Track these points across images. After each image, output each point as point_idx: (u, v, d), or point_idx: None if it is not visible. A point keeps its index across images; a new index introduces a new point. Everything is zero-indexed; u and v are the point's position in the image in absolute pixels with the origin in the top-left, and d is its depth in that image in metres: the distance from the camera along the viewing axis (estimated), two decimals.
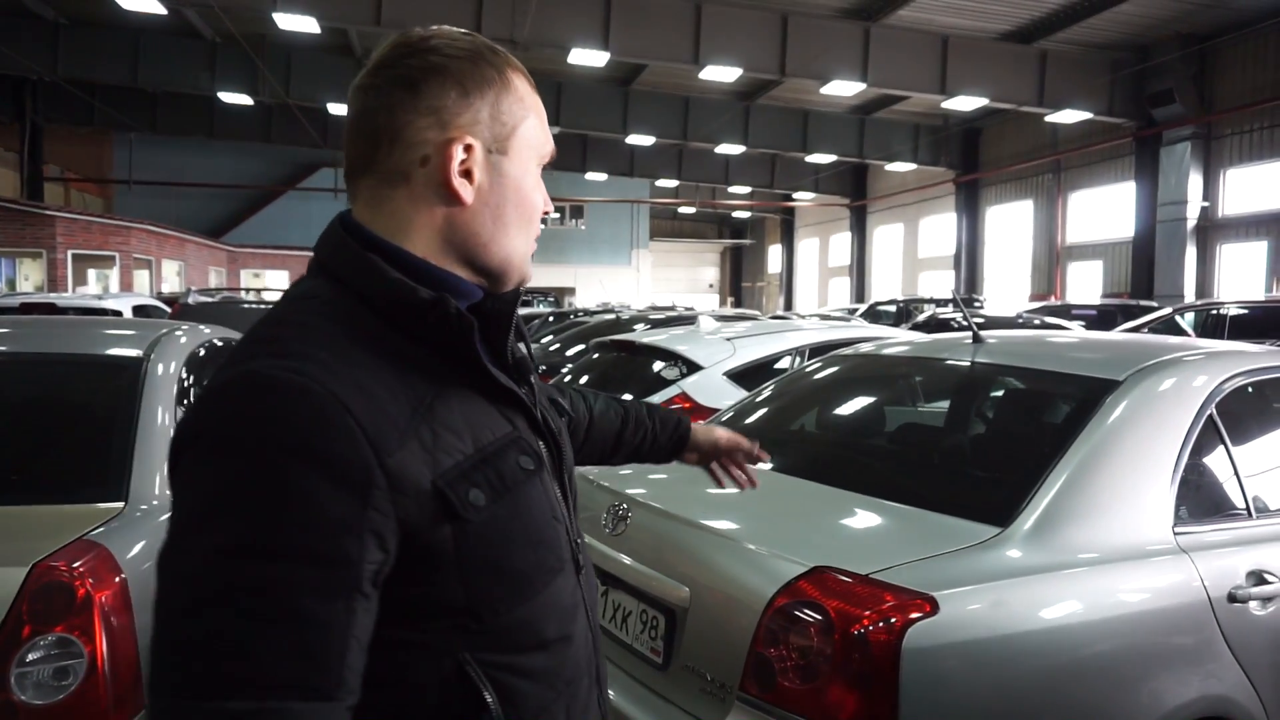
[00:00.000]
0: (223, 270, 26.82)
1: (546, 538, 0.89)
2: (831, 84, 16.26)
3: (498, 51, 0.89)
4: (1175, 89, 16.34)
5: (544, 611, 0.88)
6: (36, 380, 2.56)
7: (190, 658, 0.68)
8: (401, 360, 0.81)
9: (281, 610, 0.69)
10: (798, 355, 4.89)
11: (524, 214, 0.90)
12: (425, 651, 0.80)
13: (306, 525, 0.71)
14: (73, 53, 17.65)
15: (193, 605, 0.69)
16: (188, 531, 0.72)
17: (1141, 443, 1.98)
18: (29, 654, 1.75)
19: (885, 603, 1.59)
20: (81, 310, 8.63)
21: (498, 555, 0.83)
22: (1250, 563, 1.93)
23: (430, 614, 0.80)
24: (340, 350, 0.78)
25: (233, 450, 0.72)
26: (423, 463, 0.77)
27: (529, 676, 0.86)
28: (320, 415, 0.73)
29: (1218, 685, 1.82)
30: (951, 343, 2.80)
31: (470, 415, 0.84)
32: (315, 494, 0.71)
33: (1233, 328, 10.26)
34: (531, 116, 0.90)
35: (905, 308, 16.46)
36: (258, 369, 0.75)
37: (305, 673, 0.70)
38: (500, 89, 0.87)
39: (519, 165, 0.89)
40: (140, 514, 2.14)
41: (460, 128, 0.85)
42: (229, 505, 0.71)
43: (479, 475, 0.82)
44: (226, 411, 0.74)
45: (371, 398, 0.76)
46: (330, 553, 0.71)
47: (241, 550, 0.70)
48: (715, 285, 42.32)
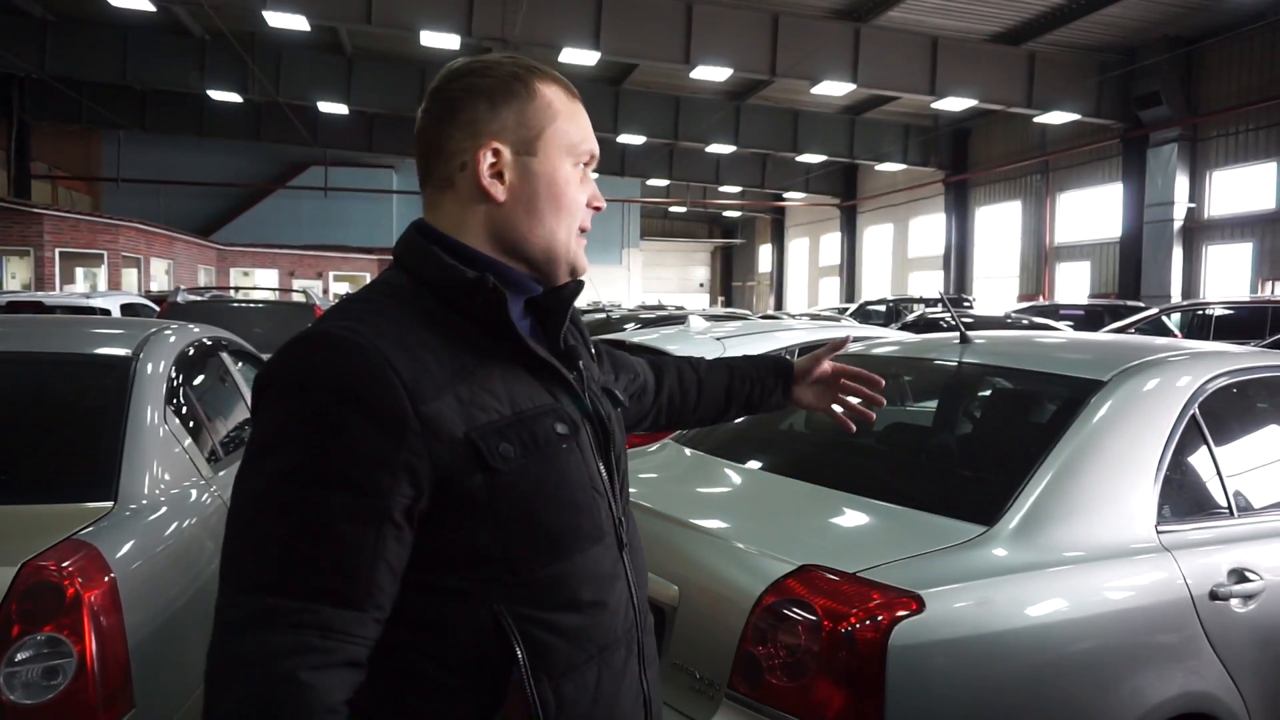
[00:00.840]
0: (212, 269, 26.68)
1: (582, 504, 0.97)
2: (822, 84, 16.31)
3: (531, 68, 1.01)
4: (1162, 91, 16.45)
5: (579, 574, 0.96)
6: (25, 379, 2.55)
7: (244, 560, 0.85)
8: (454, 334, 0.94)
9: (319, 528, 0.83)
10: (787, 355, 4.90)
11: (559, 206, 1.00)
12: (464, 599, 0.91)
13: (345, 457, 0.84)
14: (61, 50, 17.55)
15: (251, 518, 0.85)
16: (254, 458, 0.87)
17: (1126, 442, 2.01)
18: (18, 653, 1.74)
19: (872, 601, 1.60)
20: (69, 309, 8.58)
21: (531, 509, 0.92)
22: (1232, 561, 1.95)
23: (468, 562, 0.91)
24: (396, 320, 0.91)
25: (291, 392, 0.87)
26: (457, 415, 0.89)
27: (560, 634, 0.94)
28: (364, 364, 0.86)
29: (1200, 682, 1.84)
30: (939, 343, 2.82)
31: (512, 384, 0.95)
32: (354, 431, 0.85)
33: (1218, 328, 10.35)
34: (559, 121, 1.00)
35: (895, 307, 16.52)
36: (322, 328, 0.90)
37: (336, 584, 0.84)
38: (525, 99, 0.99)
39: (548, 164, 1.00)
40: (129, 513, 2.14)
41: (489, 135, 0.98)
42: (285, 437, 0.86)
43: (511, 432, 0.92)
44: (291, 361, 0.89)
45: (414, 356, 0.88)
46: (364, 482, 0.84)
47: (291, 475, 0.84)
48: (706, 285, 42.36)
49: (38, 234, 18.24)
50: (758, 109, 21.93)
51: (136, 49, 17.80)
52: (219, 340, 3.41)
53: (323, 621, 0.83)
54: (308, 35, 17.01)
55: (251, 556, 0.84)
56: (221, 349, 3.40)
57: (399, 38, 16.55)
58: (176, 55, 18.18)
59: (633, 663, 1.03)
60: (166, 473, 2.37)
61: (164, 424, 2.46)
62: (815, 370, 1.53)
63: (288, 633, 0.81)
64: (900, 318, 14.41)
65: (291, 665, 0.81)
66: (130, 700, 1.87)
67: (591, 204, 1.04)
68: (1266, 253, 16.11)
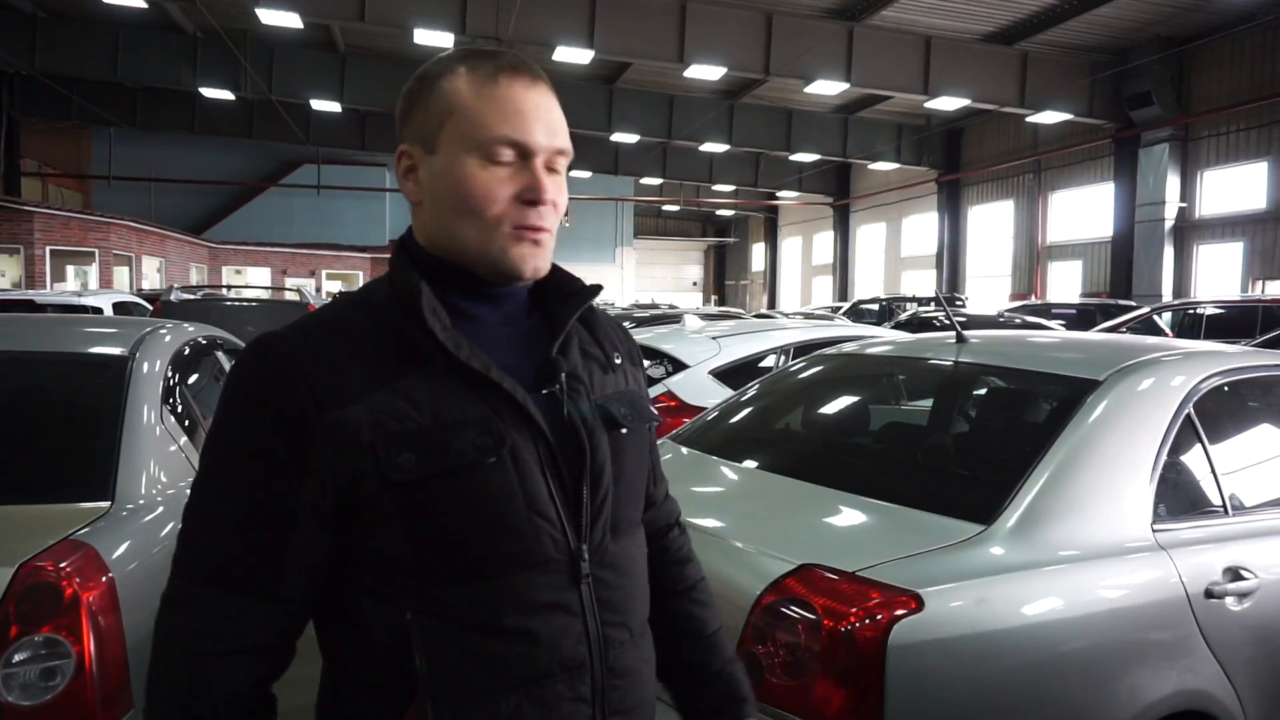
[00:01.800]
0: (204, 267, 26.58)
1: (510, 525, 0.90)
2: (815, 83, 16.33)
3: (443, 60, 0.98)
4: (1154, 91, 16.52)
5: (499, 598, 0.90)
6: (20, 379, 2.54)
7: (180, 547, 0.92)
8: (397, 340, 0.92)
9: (229, 523, 0.90)
10: (783, 354, 4.91)
11: (463, 205, 0.94)
12: (382, 602, 0.91)
13: (252, 458, 0.89)
14: (51, 46, 17.43)
15: (187, 510, 0.93)
16: (201, 455, 0.95)
17: (1121, 442, 2.02)
18: (15, 655, 1.73)
19: (872, 600, 1.61)
20: (61, 308, 8.54)
21: (443, 525, 0.89)
22: (1227, 559, 1.97)
23: (383, 566, 0.91)
24: (334, 326, 0.94)
25: (224, 394, 0.93)
26: (366, 421, 0.88)
27: (470, 656, 0.90)
28: (282, 369, 0.89)
29: (1195, 680, 1.85)
30: (935, 342, 2.83)
31: (442, 394, 0.91)
32: (260, 434, 0.89)
33: (1209, 327, 10.41)
34: (458, 114, 0.93)
35: (888, 306, 16.56)
36: (259, 337, 0.94)
37: (244, 576, 0.89)
38: (426, 96, 0.96)
39: (446, 159, 0.95)
40: (127, 513, 2.13)
41: (404, 139, 0.99)
42: (213, 437, 0.93)
43: (418, 442, 0.89)
44: (233, 366, 0.95)
45: (333, 363, 0.90)
46: (266, 482, 0.89)
47: (213, 472, 0.92)
48: (699, 283, 42.38)
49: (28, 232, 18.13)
50: (751, 108, 21.94)
51: (128, 46, 17.69)
52: (214, 339, 3.40)
53: (229, 610, 0.89)
54: (300, 32, 16.95)
55: (183, 543, 0.92)
56: (217, 348, 3.39)
57: (392, 35, 16.50)
58: (168, 52, 18.08)
59: (579, 705, 0.93)
60: (163, 473, 2.36)
61: (160, 423, 2.46)
62: None
63: (199, 617, 0.89)
64: (893, 317, 14.44)
65: (195, 648, 0.88)
66: (129, 701, 1.87)
67: (523, 197, 0.93)
68: (1257, 252, 16.20)
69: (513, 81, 0.94)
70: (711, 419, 2.90)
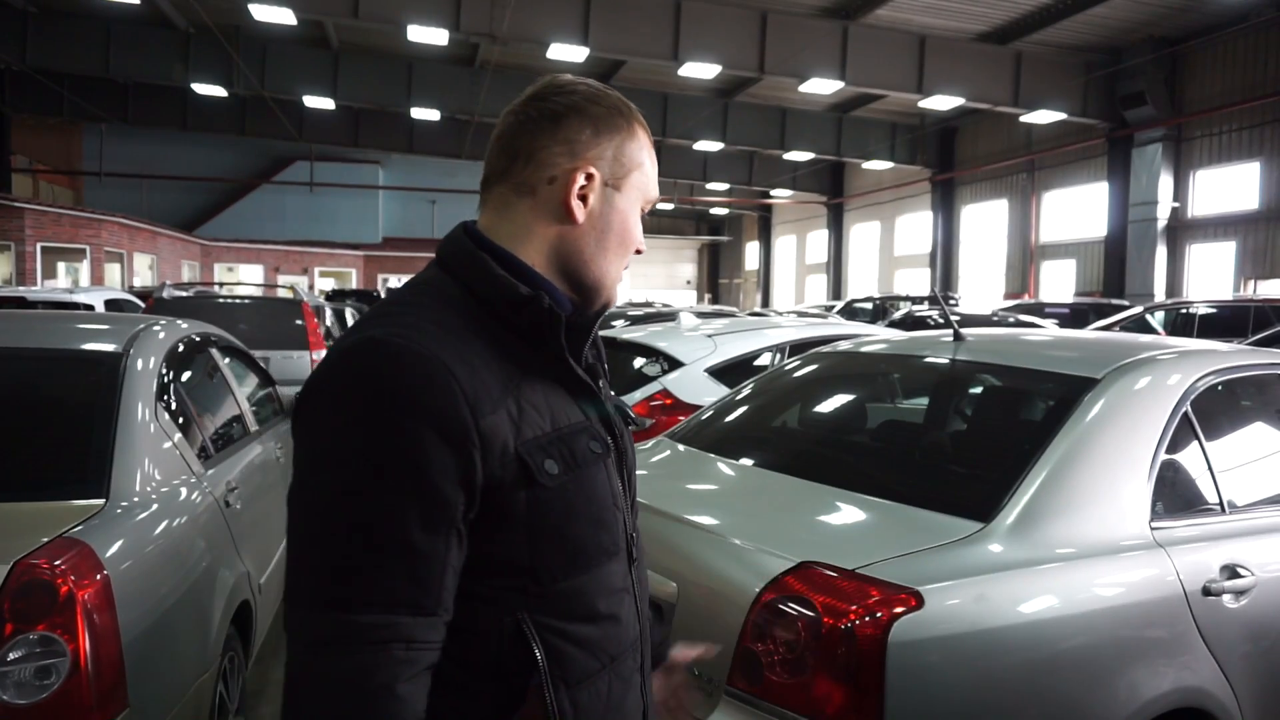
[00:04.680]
0: (196, 264, 26.49)
1: (606, 520, 0.99)
2: (810, 82, 16.33)
3: (631, 106, 1.05)
4: (1147, 91, 16.57)
5: (595, 587, 0.98)
6: (14, 375, 2.52)
7: (324, 577, 0.84)
8: (497, 345, 0.94)
9: (394, 540, 0.84)
10: (779, 352, 4.91)
11: (623, 243, 1.04)
12: (491, 606, 0.92)
13: (415, 469, 0.84)
14: (42, 42, 17.33)
15: (321, 532, 0.85)
16: (314, 470, 0.87)
17: (1119, 440, 2.02)
18: (10, 653, 1.73)
19: (871, 597, 1.61)
20: (53, 305, 8.49)
21: (562, 524, 0.94)
22: (1224, 557, 1.97)
23: (497, 571, 0.92)
24: (448, 326, 0.91)
25: (352, 401, 0.86)
26: (508, 430, 0.90)
27: (577, 644, 0.96)
28: (430, 376, 0.86)
29: (1192, 677, 1.86)
30: (933, 340, 2.83)
31: (551, 400, 0.96)
32: (423, 443, 0.84)
33: (1201, 326, 10.45)
34: (646, 164, 1.04)
35: (882, 305, 16.57)
36: (377, 335, 0.88)
37: (414, 594, 0.85)
38: (626, 136, 1.02)
39: (628, 201, 1.03)
40: (121, 511, 2.12)
41: (587, 159, 0.99)
42: (349, 448, 0.85)
43: (554, 449, 0.94)
44: (351, 370, 0.87)
45: (471, 367, 0.89)
46: (434, 493, 0.85)
47: (361, 488, 0.84)
48: (693, 282, 42.39)
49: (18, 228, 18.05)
50: (745, 106, 21.94)
51: (119, 41, 17.59)
52: (208, 336, 3.38)
53: (405, 633, 0.84)
54: (293, 29, 16.88)
55: (327, 572, 0.84)
56: (211, 344, 3.38)
57: (386, 32, 16.45)
58: (160, 48, 17.98)
59: (637, 673, 1.05)
60: (158, 470, 2.35)
61: (155, 421, 2.44)
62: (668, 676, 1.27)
63: (376, 649, 0.83)
64: (887, 315, 14.45)
65: (386, 680, 0.83)
66: (124, 700, 1.86)
67: (637, 248, 1.06)
68: (1249, 252, 16.27)
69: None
70: (708, 417, 2.90)
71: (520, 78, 19.95)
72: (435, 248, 1.04)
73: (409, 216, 31.93)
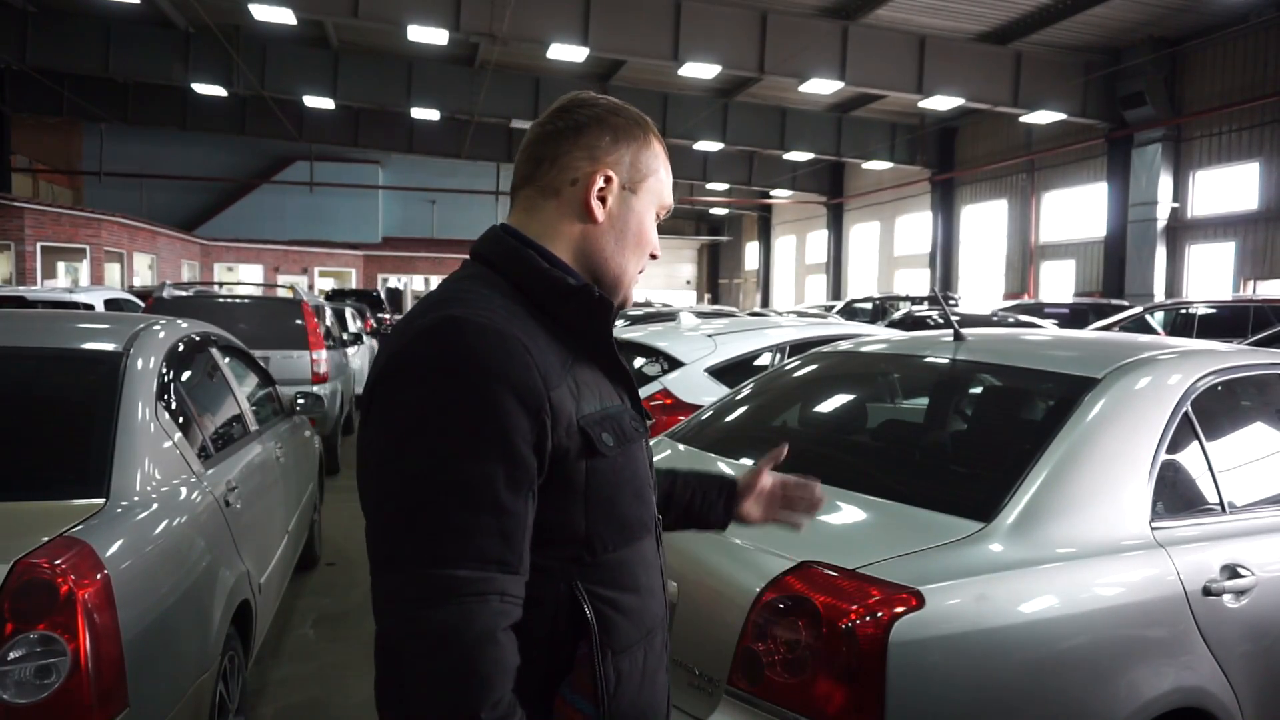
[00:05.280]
0: (195, 264, 26.48)
1: (645, 495, 1.09)
2: (810, 82, 16.33)
3: (648, 120, 1.14)
4: (1146, 91, 16.58)
5: (638, 559, 1.07)
6: (15, 375, 2.52)
7: (425, 538, 0.90)
8: (548, 331, 1.01)
9: (488, 500, 0.91)
10: (779, 352, 4.91)
11: (640, 244, 1.13)
12: (547, 575, 0.98)
13: (502, 433, 0.91)
14: (42, 41, 17.32)
15: (424, 497, 0.90)
16: (408, 438, 0.92)
17: (1120, 439, 2.02)
18: (10, 652, 1.72)
19: (872, 597, 1.61)
20: (52, 305, 8.49)
21: (614, 495, 1.02)
22: (1224, 557, 1.97)
23: (555, 540, 0.99)
24: (509, 309, 0.99)
25: (440, 373, 0.92)
26: (571, 404, 0.98)
27: (624, 613, 1.03)
28: (511, 349, 0.94)
29: (1192, 676, 1.86)
30: (933, 340, 2.83)
31: (600, 386, 1.05)
32: (508, 410, 0.92)
33: (1201, 327, 10.45)
34: (661, 171, 1.14)
35: (881, 305, 16.57)
36: (456, 314, 0.95)
37: (503, 551, 0.92)
38: (642, 144, 1.12)
39: (643, 204, 1.12)
40: (121, 510, 2.12)
41: (606, 164, 1.09)
42: (443, 416, 0.91)
43: (608, 424, 1.03)
44: (434, 343, 0.94)
45: (539, 345, 0.97)
46: (517, 456, 0.92)
47: (457, 453, 0.90)
48: (692, 282, 42.39)
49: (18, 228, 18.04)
50: (745, 106, 21.94)
51: (119, 41, 17.58)
52: (208, 335, 3.38)
53: (500, 587, 0.91)
54: (293, 29, 16.88)
55: (427, 533, 0.90)
56: (211, 344, 3.38)
57: (386, 32, 16.45)
58: (160, 48, 17.97)
59: (664, 650, 1.12)
60: (158, 470, 2.35)
61: (155, 420, 2.44)
62: (757, 484, 1.45)
63: (478, 600, 0.89)
64: (886, 316, 14.45)
65: (489, 627, 0.89)
66: (124, 699, 1.86)
67: (653, 252, 1.15)
68: (1248, 252, 16.27)
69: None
70: (708, 416, 2.90)
71: (520, 78, 19.96)
72: (470, 247, 1.12)
73: (409, 216, 31.92)
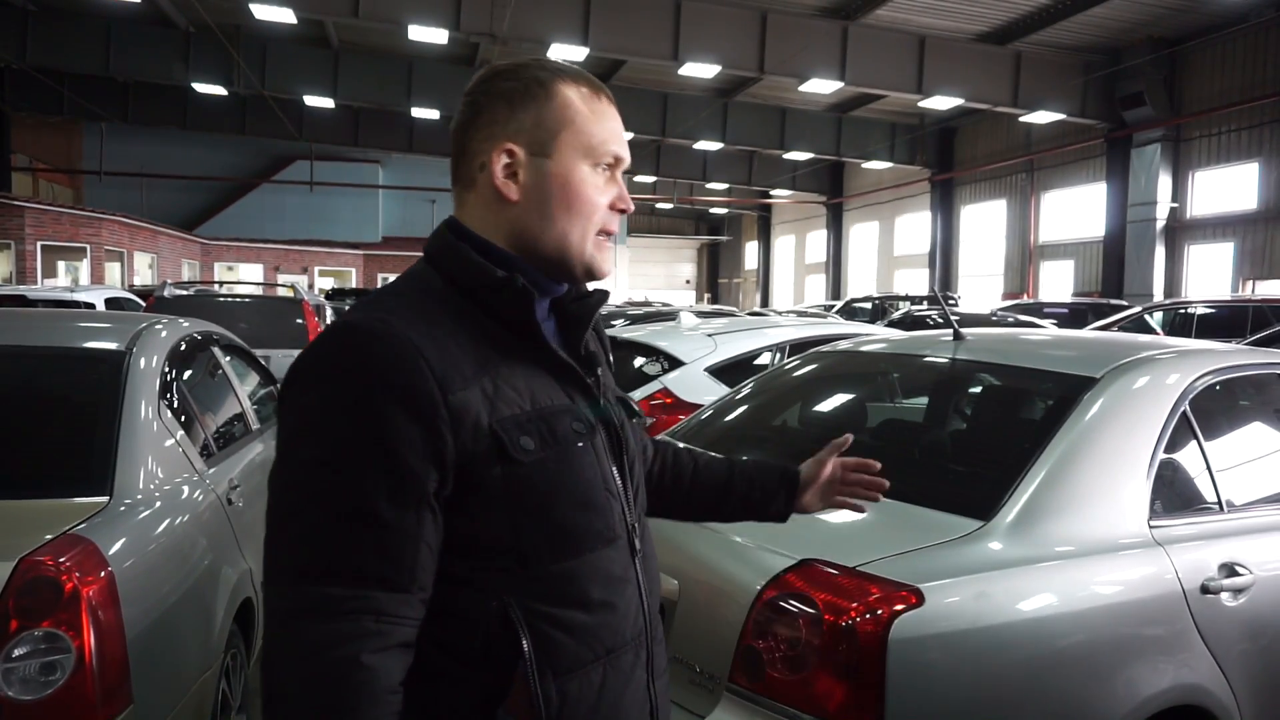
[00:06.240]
0: (196, 263, 26.47)
1: (596, 503, 0.99)
2: (809, 82, 16.33)
3: (557, 71, 1.03)
4: (1146, 92, 16.58)
5: (589, 573, 0.97)
6: (18, 373, 2.53)
7: (293, 550, 0.87)
8: (478, 329, 0.96)
9: (363, 513, 0.86)
10: (779, 351, 4.92)
11: (571, 206, 1.01)
12: (475, 588, 0.93)
13: (383, 444, 0.87)
14: (42, 40, 17.31)
15: (293, 507, 0.88)
16: (288, 447, 0.90)
17: (1118, 439, 2.03)
18: (15, 649, 1.73)
19: (872, 595, 1.62)
20: (53, 304, 8.50)
21: (544, 503, 0.95)
22: (1222, 555, 1.98)
23: (482, 551, 0.93)
24: (424, 311, 0.95)
25: (327, 380, 0.90)
26: (483, 406, 0.92)
27: (567, 631, 0.95)
28: (400, 354, 0.89)
29: (1190, 674, 1.87)
30: (933, 340, 2.84)
31: (533, 382, 0.98)
32: (390, 418, 0.87)
33: (1200, 327, 10.46)
34: (579, 120, 1.01)
35: (881, 305, 16.58)
36: (352, 319, 0.93)
37: (384, 567, 0.87)
38: (544, 101, 1.01)
39: (563, 164, 1.00)
40: (125, 508, 2.13)
41: (505, 137, 1.00)
42: (322, 424, 0.88)
43: (532, 426, 0.95)
44: (324, 351, 0.92)
45: (442, 347, 0.91)
46: (401, 468, 0.87)
47: (330, 461, 0.87)
48: (692, 281, 42.39)
49: (18, 227, 18.03)
50: (745, 106, 21.94)
51: (120, 40, 17.57)
52: (209, 334, 3.39)
53: (376, 606, 0.86)
54: (294, 28, 16.87)
55: (299, 546, 0.87)
56: (212, 343, 3.38)
57: (386, 31, 16.43)
58: (160, 47, 17.96)
59: (640, 670, 1.03)
60: (161, 468, 2.36)
61: (158, 419, 2.45)
62: (821, 475, 1.39)
63: (345, 619, 0.85)
64: (886, 315, 14.46)
65: (353, 650, 0.84)
66: (128, 696, 1.87)
67: (615, 206, 1.04)
68: (1247, 252, 16.28)
69: (609, 102, 1.05)
70: (709, 415, 2.91)
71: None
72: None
73: (409, 216, 31.90)
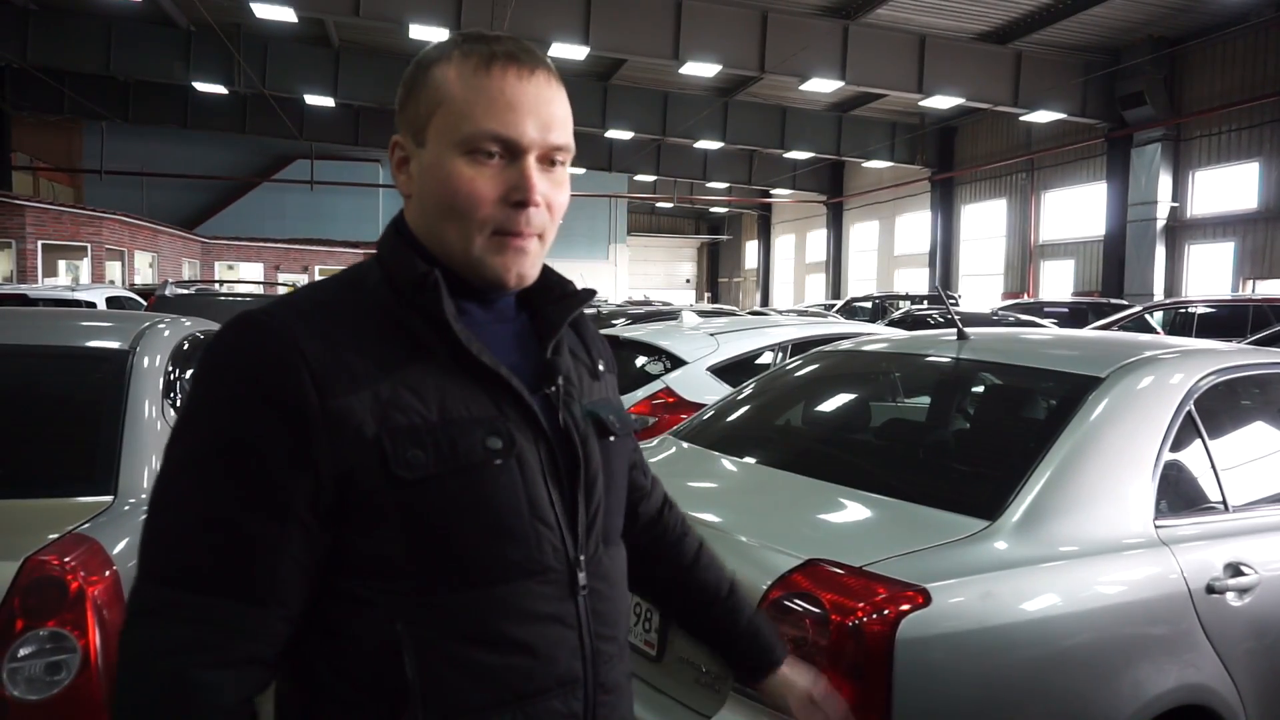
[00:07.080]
0: (196, 262, 26.45)
1: (514, 531, 0.87)
2: (810, 81, 16.34)
3: (442, 45, 0.92)
4: (1146, 91, 16.58)
5: (499, 608, 0.86)
6: (21, 372, 2.53)
7: (151, 546, 0.82)
8: (395, 329, 0.87)
9: (216, 517, 0.80)
10: (780, 351, 4.92)
11: (447, 204, 0.88)
12: (369, 609, 0.84)
13: (243, 444, 0.80)
14: (43, 39, 17.31)
15: (158, 505, 0.83)
16: (168, 445, 0.85)
17: (1123, 438, 2.03)
18: (20, 649, 1.73)
19: (879, 594, 1.62)
20: (54, 303, 8.49)
21: (444, 526, 0.84)
22: (1227, 555, 1.98)
23: (375, 571, 0.84)
24: (331, 306, 0.87)
25: (203, 377, 0.84)
26: (370, 413, 0.83)
27: (466, 671, 0.85)
28: (270, 352, 0.82)
29: (1196, 674, 1.86)
30: (935, 339, 2.84)
31: (449, 389, 0.86)
32: (256, 418, 0.81)
33: (1200, 326, 10.46)
34: (446, 105, 0.88)
35: (881, 304, 16.58)
36: (247, 311, 0.85)
37: (235, 578, 0.80)
38: (420, 85, 0.91)
39: (434, 154, 0.89)
40: (129, 507, 2.12)
41: (399, 127, 0.94)
42: (191, 424, 0.83)
43: (429, 439, 0.84)
44: (212, 344, 0.85)
45: (333, 346, 0.83)
46: (261, 474, 0.80)
47: (193, 460, 0.82)
48: (692, 280, 42.39)
49: (19, 226, 18.02)
50: (746, 105, 21.94)
51: (120, 39, 17.57)
52: (211, 333, 3.39)
53: (219, 617, 0.79)
54: (294, 27, 16.88)
55: (152, 545, 0.82)
56: None
57: (387, 30, 16.43)
58: (161, 46, 17.95)
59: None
60: None
61: (161, 418, 2.45)
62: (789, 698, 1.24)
63: (183, 627, 0.79)
64: (886, 314, 14.46)
65: (181, 662, 0.78)
66: None
67: (510, 198, 0.88)
68: (1248, 252, 16.28)
69: (506, 71, 0.87)
70: (712, 414, 2.91)
71: None
72: None
73: None
